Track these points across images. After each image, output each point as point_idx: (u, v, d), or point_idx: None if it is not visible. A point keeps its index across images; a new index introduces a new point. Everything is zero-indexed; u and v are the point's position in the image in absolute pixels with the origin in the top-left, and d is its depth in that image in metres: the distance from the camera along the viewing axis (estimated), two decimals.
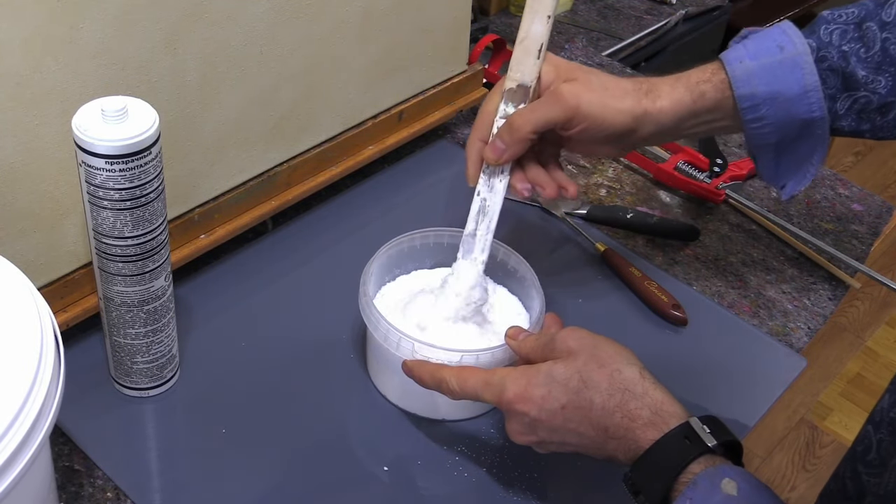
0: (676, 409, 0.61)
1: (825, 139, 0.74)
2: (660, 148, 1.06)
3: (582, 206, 0.96)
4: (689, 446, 0.58)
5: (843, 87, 0.71)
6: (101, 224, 0.64)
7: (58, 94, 0.66)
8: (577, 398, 0.61)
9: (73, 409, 0.66)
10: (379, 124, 0.93)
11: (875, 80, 0.70)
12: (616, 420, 0.60)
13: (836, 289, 0.93)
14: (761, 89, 0.71)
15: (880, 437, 0.59)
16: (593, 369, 0.62)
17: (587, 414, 0.61)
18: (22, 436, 0.49)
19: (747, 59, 0.71)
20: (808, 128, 0.73)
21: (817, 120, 0.72)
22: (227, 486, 0.70)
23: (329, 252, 0.89)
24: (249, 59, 0.77)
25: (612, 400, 0.61)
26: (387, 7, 0.87)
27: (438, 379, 0.67)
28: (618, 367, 0.62)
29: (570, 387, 0.61)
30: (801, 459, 1.94)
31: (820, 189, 1.06)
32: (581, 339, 0.64)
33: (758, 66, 0.71)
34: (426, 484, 0.72)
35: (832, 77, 0.71)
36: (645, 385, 0.61)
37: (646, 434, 0.60)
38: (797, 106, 0.71)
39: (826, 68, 0.71)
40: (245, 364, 0.78)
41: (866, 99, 0.71)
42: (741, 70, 0.71)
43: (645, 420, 0.60)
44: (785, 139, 0.74)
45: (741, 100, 0.72)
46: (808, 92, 0.71)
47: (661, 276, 0.90)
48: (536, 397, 0.62)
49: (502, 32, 1.22)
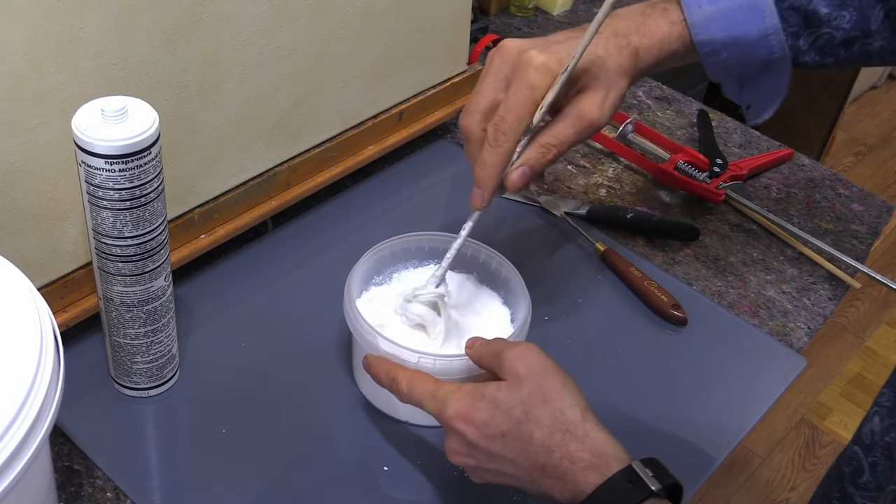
0: (618, 453, 0.59)
1: (788, 73, 0.73)
2: (660, 148, 1.06)
3: (582, 206, 0.96)
4: (632, 491, 0.57)
5: (805, 25, 0.71)
6: (101, 224, 0.64)
7: (58, 94, 0.66)
8: (518, 429, 0.60)
9: (73, 409, 0.66)
10: (379, 124, 0.93)
11: (839, 16, 0.70)
12: (555, 459, 0.59)
13: (836, 289, 0.93)
14: (720, 35, 0.71)
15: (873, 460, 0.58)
16: (537, 403, 0.60)
17: (525, 447, 0.60)
18: (22, 436, 0.49)
19: (705, 3, 0.71)
20: (769, 64, 0.72)
21: (778, 58, 0.72)
22: (226, 486, 0.70)
23: (329, 252, 0.89)
24: (249, 59, 0.77)
25: (553, 439, 0.59)
26: (387, 7, 0.87)
27: (391, 378, 0.66)
28: (561, 406, 0.60)
29: (511, 416, 0.60)
30: (801, 459, 1.94)
31: (820, 189, 1.06)
32: (530, 365, 0.61)
33: (716, 11, 0.70)
34: (426, 484, 0.72)
35: (794, 15, 0.71)
36: (587, 427, 0.59)
37: (586, 478, 0.58)
38: (757, 49, 0.71)
39: (787, 7, 0.70)
40: (245, 364, 0.78)
41: (829, 35, 0.71)
42: (700, 16, 0.71)
43: (586, 463, 0.58)
44: (747, 75, 0.74)
45: (700, 45, 0.71)
46: (769, 35, 0.70)
47: (661, 276, 0.90)
48: (478, 421, 0.60)
49: (502, 32, 1.22)
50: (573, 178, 1.02)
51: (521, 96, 0.66)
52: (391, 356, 0.69)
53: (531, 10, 1.29)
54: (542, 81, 0.66)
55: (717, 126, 1.12)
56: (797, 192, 1.05)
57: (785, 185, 1.05)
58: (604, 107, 0.68)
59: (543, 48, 0.67)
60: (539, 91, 0.66)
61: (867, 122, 2.85)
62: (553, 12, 1.30)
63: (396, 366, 0.67)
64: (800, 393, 2.05)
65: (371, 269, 0.78)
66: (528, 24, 1.27)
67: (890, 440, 0.58)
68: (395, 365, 0.67)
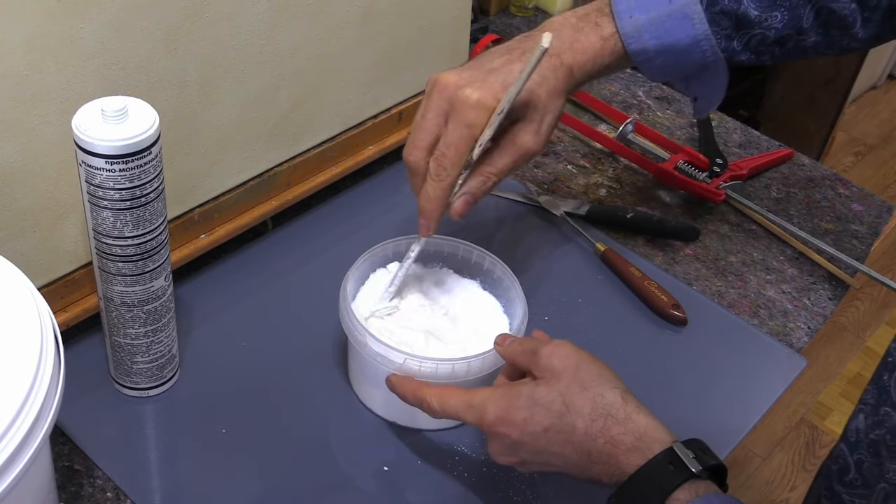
0: (660, 434, 0.60)
1: (725, 72, 0.75)
2: (660, 148, 1.06)
3: (582, 206, 0.96)
4: (673, 472, 0.57)
5: (737, 28, 0.72)
6: (101, 224, 0.64)
7: (58, 94, 0.66)
8: (560, 422, 0.60)
9: (73, 409, 0.66)
10: (379, 124, 0.93)
11: (770, 17, 0.71)
12: (599, 445, 0.60)
13: (836, 289, 0.93)
14: (652, 44, 0.72)
15: (859, 457, 0.58)
16: (576, 393, 0.61)
17: (570, 438, 0.60)
18: (22, 436, 0.49)
19: (636, 12, 0.72)
20: (705, 67, 0.74)
21: (712, 62, 0.74)
22: (226, 486, 0.70)
23: (329, 252, 0.89)
24: (249, 59, 0.77)
25: (595, 425, 0.60)
26: (387, 7, 0.87)
27: (419, 397, 0.66)
28: (600, 391, 0.61)
29: (552, 410, 0.61)
30: (801, 459, 1.94)
31: (820, 189, 1.06)
32: (565, 359, 0.62)
33: (646, 21, 0.72)
34: (425, 485, 0.72)
35: (725, 20, 0.72)
36: (627, 409, 0.60)
37: (629, 460, 0.59)
38: (689, 55, 0.73)
39: (718, 12, 0.72)
40: (245, 364, 0.78)
41: (762, 35, 0.72)
42: (631, 26, 0.72)
43: (628, 446, 0.59)
44: (686, 75, 0.76)
45: (634, 54, 0.73)
46: (699, 41, 0.72)
47: (661, 276, 0.90)
48: (518, 420, 0.61)
49: (502, 32, 1.22)
50: (573, 178, 1.02)
51: (459, 134, 0.69)
52: (379, 356, 0.69)
53: (531, 10, 1.29)
54: (479, 119, 0.69)
55: (717, 126, 1.12)
56: (797, 192, 1.05)
57: (785, 185, 1.05)
58: (539, 134, 0.71)
59: (479, 83, 0.69)
60: (476, 128, 0.69)
61: (867, 122, 2.85)
62: (553, 12, 1.30)
63: (421, 384, 0.67)
64: (800, 393, 2.05)
65: (367, 270, 0.78)
66: (528, 24, 1.27)
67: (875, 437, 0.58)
68: (419, 383, 0.68)
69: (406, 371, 0.69)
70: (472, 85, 0.69)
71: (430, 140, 0.70)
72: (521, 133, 0.71)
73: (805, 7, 0.72)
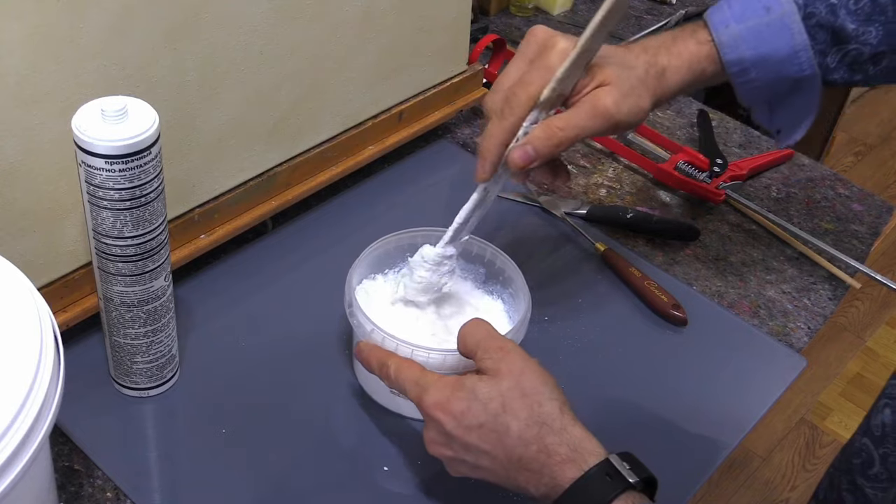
0: (594, 447, 0.60)
1: (818, 91, 0.73)
2: (660, 148, 1.06)
3: (582, 206, 0.96)
4: (610, 483, 0.58)
5: (833, 42, 0.71)
6: (101, 224, 0.64)
7: (58, 94, 0.66)
8: (495, 421, 0.60)
9: (73, 409, 0.66)
10: (379, 124, 0.93)
11: (866, 32, 0.70)
12: (531, 452, 0.60)
13: (836, 289, 0.93)
14: (749, 54, 0.71)
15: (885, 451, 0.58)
16: (515, 397, 0.61)
17: (502, 438, 0.60)
18: (22, 436, 0.49)
19: (733, 22, 0.71)
20: (799, 83, 0.72)
21: (808, 77, 0.72)
22: (227, 486, 0.70)
23: (329, 252, 0.89)
24: (249, 59, 0.77)
25: (530, 431, 0.60)
26: (387, 7, 0.87)
27: (382, 363, 0.67)
28: (539, 399, 0.61)
29: (489, 408, 0.61)
30: (801, 459, 1.94)
31: (820, 189, 1.06)
32: (511, 364, 0.62)
33: (744, 30, 0.70)
34: (426, 484, 0.72)
35: (821, 33, 0.70)
36: (564, 421, 0.60)
37: (564, 471, 0.59)
38: (787, 66, 0.71)
39: (814, 24, 0.70)
40: (245, 364, 0.78)
41: (857, 51, 0.71)
42: (727, 35, 0.71)
43: (563, 456, 0.59)
44: (777, 95, 0.74)
45: (729, 65, 0.71)
46: (798, 52, 0.70)
47: (661, 276, 0.90)
48: (455, 411, 0.61)
49: (502, 32, 1.22)
50: (573, 178, 1.02)
51: (536, 75, 0.67)
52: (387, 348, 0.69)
53: (531, 10, 1.29)
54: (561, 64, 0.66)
55: (717, 126, 1.12)
56: (797, 192, 1.05)
57: (785, 185, 1.05)
58: (621, 103, 0.67)
59: (569, 37, 0.68)
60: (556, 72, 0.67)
61: (867, 122, 2.84)
62: (553, 12, 1.30)
63: (389, 353, 0.68)
64: (800, 393, 2.05)
65: (372, 263, 0.79)
66: (528, 24, 1.27)
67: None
68: (388, 352, 0.68)
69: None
70: (562, 35, 0.68)
71: (512, 84, 0.68)
72: (603, 94, 0.67)
73: None
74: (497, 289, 0.80)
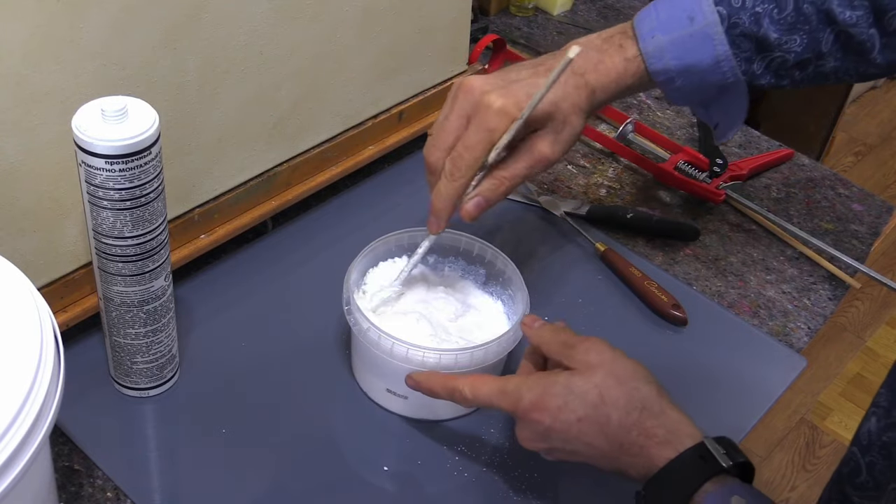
0: (691, 430, 0.62)
1: (745, 95, 0.76)
2: (660, 148, 1.06)
3: (582, 205, 0.96)
4: (703, 466, 0.59)
5: (758, 50, 0.73)
6: (101, 224, 0.64)
7: (58, 94, 0.66)
8: (595, 413, 0.62)
9: (73, 409, 0.66)
10: (379, 124, 0.93)
11: (790, 40, 0.72)
12: (632, 437, 0.61)
13: (836, 289, 0.93)
14: (674, 63, 0.73)
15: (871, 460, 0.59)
16: (612, 385, 0.62)
17: (603, 429, 0.62)
18: (22, 436, 0.49)
19: (658, 32, 0.73)
20: (725, 88, 0.75)
21: (732, 83, 0.74)
22: (227, 486, 0.70)
23: (329, 252, 0.89)
24: (249, 59, 0.77)
25: (630, 417, 0.62)
26: (386, 7, 0.87)
27: (450, 388, 0.67)
28: (636, 384, 0.63)
29: (587, 400, 0.62)
30: (801, 459, 1.94)
31: (820, 189, 1.06)
32: (601, 354, 0.64)
33: (668, 41, 0.73)
34: (426, 484, 0.72)
35: (746, 42, 0.72)
36: (662, 404, 0.62)
37: (661, 452, 0.60)
38: (710, 75, 0.73)
39: (738, 34, 0.72)
40: (245, 364, 0.78)
41: (782, 58, 0.73)
42: (653, 45, 0.73)
43: (660, 438, 0.61)
44: (706, 98, 0.76)
45: (655, 74, 0.74)
46: (720, 62, 0.73)
47: (661, 276, 0.90)
48: (552, 407, 0.62)
49: (502, 32, 1.22)
50: (573, 178, 1.02)
51: (478, 137, 0.70)
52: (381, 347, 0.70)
53: (531, 10, 1.29)
54: (500, 124, 0.69)
55: None
56: (797, 192, 1.05)
57: (785, 185, 1.05)
58: (556, 143, 0.72)
59: (504, 91, 0.70)
60: (496, 133, 0.70)
61: (867, 122, 2.85)
62: (553, 12, 1.30)
63: (449, 376, 0.68)
64: (800, 393, 2.05)
65: (371, 263, 0.79)
66: (527, 24, 1.27)
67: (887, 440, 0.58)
68: (447, 376, 0.69)
69: (409, 361, 0.70)
70: (496, 91, 0.70)
71: (451, 141, 0.71)
72: (538, 141, 0.71)
73: (824, 31, 0.72)
74: (497, 290, 0.80)
